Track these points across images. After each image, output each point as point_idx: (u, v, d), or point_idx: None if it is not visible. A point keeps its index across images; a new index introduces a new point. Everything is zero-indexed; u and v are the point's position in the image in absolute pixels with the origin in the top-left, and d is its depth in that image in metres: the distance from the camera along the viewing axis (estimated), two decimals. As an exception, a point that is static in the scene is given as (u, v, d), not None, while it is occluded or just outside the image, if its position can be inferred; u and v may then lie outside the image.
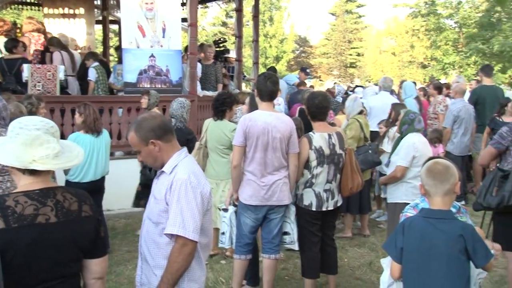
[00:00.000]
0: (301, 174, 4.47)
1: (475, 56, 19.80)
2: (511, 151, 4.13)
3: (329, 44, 50.10)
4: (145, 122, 2.68)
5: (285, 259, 5.62)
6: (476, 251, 2.55)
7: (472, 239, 2.55)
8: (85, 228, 2.21)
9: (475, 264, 2.58)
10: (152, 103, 6.71)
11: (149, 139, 2.64)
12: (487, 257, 2.58)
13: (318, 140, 4.42)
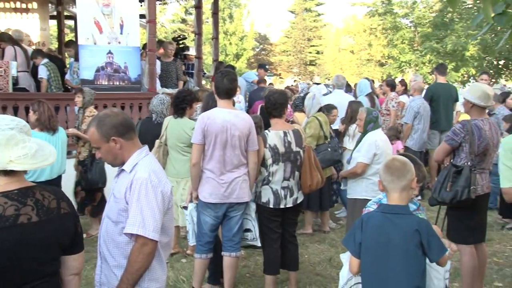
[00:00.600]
0: (259, 171, 4.48)
1: (430, 54, 20.30)
2: (464, 147, 4.24)
3: (289, 42, 50.40)
4: (107, 118, 2.63)
5: (246, 257, 5.63)
6: (431, 245, 2.61)
7: (427, 234, 2.61)
8: (66, 225, 2.21)
9: (429, 258, 2.63)
10: (87, 101, 6.47)
11: (110, 136, 2.59)
12: (441, 251, 2.64)
13: (273, 138, 4.44)
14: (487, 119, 4.37)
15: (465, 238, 4.32)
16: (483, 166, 4.31)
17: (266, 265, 4.59)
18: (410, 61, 21.87)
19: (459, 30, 19.39)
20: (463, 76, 20.40)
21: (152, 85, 8.24)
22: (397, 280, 2.62)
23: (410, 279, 2.62)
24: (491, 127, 4.32)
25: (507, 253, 5.79)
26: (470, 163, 4.21)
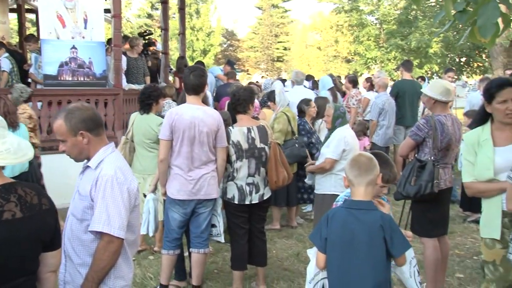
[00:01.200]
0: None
1: (395, 51, 20.64)
2: (428, 142, 4.33)
3: (256, 38, 50.41)
4: (77, 111, 2.58)
5: (214, 253, 5.62)
6: (394, 241, 2.65)
7: (390, 229, 2.65)
8: (47, 221, 2.18)
9: (392, 254, 2.67)
10: (14, 98, 6.11)
11: (79, 130, 2.55)
12: (404, 247, 2.69)
13: (236, 135, 4.44)
14: (450, 115, 4.46)
15: (429, 231, 4.42)
16: (446, 161, 4.41)
17: (233, 261, 4.59)
18: (376, 58, 22.19)
19: (423, 28, 19.77)
20: (426, 72, 20.80)
21: (118, 81, 8.12)
22: (361, 275, 2.66)
23: (375, 274, 2.66)
24: (454, 122, 4.42)
25: (468, 245, 5.95)
26: (434, 158, 4.29)
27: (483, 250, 3.27)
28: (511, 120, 3.17)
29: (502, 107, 3.14)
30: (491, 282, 3.20)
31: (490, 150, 3.19)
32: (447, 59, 20.84)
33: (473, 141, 3.30)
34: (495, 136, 3.23)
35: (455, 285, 4.78)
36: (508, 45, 13.69)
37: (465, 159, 3.35)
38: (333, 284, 2.79)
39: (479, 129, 3.33)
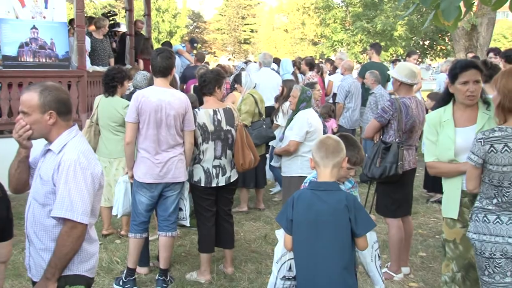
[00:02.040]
0: None
1: (361, 34, 20.83)
2: (393, 124, 4.40)
3: (223, 20, 50.03)
4: (55, 91, 2.54)
5: (181, 236, 5.61)
6: (358, 220, 2.68)
7: (354, 209, 2.69)
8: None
9: (356, 233, 2.70)
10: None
11: (49, 109, 2.50)
12: (369, 226, 2.73)
13: (202, 117, 4.42)
14: (414, 97, 4.54)
15: (393, 212, 4.51)
16: (410, 142, 4.49)
17: (200, 244, 4.60)
18: (342, 40, 22.34)
19: (388, 11, 20.00)
20: (392, 55, 21.08)
21: (81, 62, 7.93)
22: (327, 255, 2.70)
23: (340, 254, 2.70)
24: (418, 105, 4.50)
25: (430, 224, 6.11)
26: (398, 139, 4.37)
27: (444, 229, 3.36)
28: (470, 102, 3.24)
29: (464, 88, 3.20)
30: (451, 260, 3.30)
31: (452, 131, 3.26)
32: (412, 42, 21.16)
33: (435, 121, 3.36)
34: (457, 117, 3.30)
35: (418, 263, 4.91)
36: (469, 29, 13.97)
37: (427, 139, 3.41)
38: (300, 265, 2.82)
39: (441, 109, 3.39)
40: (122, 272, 4.52)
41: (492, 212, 2.80)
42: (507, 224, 2.75)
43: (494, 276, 2.81)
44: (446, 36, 20.41)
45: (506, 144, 2.68)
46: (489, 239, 2.79)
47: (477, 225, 2.85)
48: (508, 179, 2.71)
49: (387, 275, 4.54)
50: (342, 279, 2.69)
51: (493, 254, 2.78)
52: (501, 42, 38.43)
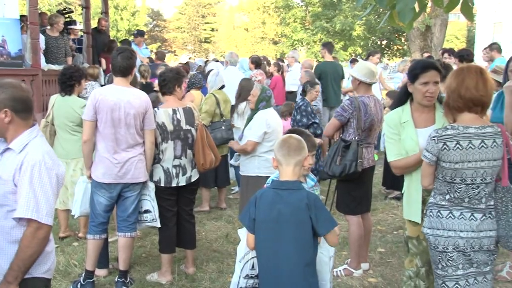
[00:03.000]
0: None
1: (321, 33, 21.07)
2: (352, 123, 4.46)
3: (183, 19, 49.66)
4: (10, 89, 2.47)
5: (141, 237, 5.54)
6: (319, 219, 2.70)
7: (315, 208, 2.70)
8: None
9: (318, 232, 2.73)
10: None
11: (4, 107, 2.44)
12: (330, 225, 2.75)
13: (161, 116, 4.38)
14: (373, 96, 4.61)
15: (353, 209, 4.58)
16: (369, 140, 4.57)
17: (162, 244, 4.55)
18: (302, 40, 22.54)
19: (347, 11, 20.30)
20: (350, 55, 21.40)
21: (35, 61, 7.69)
22: (288, 254, 2.71)
23: (301, 252, 2.72)
24: (376, 103, 4.58)
25: (389, 221, 6.23)
26: (358, 138, 4.43)
27: (408, 226, 3.43)
28: (428, 103, 3.31)
29: (423, 88, 3.27)
30: (415, 256, 3.37)
31: (413, 132, 3.31)
32: (370, 42, 21.55)
33: (395, 121, 3.40)
34: (415, 118, 3.36)
35: (377, 259, 5.00)
36: (424, 30, 14.34)
37: (389, 139, 3.44)
38: (262, 263, 2.82)
39: (399, 109, 3.44)
40: (80, 275, 4.43)
41: (445, 207, 2.87)
42: (459, 218, 2.83)
43: (447, 269, 2.88)
44: (403, 36, 20.91)
45: (458, 142, 2.75)
46: (442, 233, 2.86)
47: (431, 220, 2.92)
48: (460, 176, 2.79)
49: (347, 271, 4.61)
50: (303, 277, 2.71)
51: (446, 248, 2.86)
52: (454, 43, 39.63)
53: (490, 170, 2.78)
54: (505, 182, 2.80)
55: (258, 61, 9.88)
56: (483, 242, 2.83)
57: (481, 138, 2.75)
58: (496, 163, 2.78)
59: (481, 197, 2.82)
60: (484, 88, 2.77)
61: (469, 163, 2.75)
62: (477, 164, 2.76)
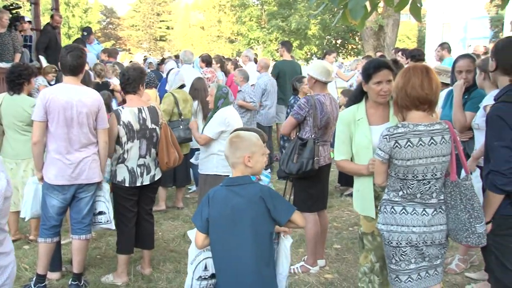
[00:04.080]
0: (113, 150, 4.34)
1: (276, 32, 21.17)
2: (308, 121, 4.50)
3: (138, 16, 48.91)
4: None
5: (96, 238, 5.43)
6: (277, 208, 2.72)
7: (270, 198, 2.72)
8: None
9: (279, 221, 2.74)
10: None
11: None
12: (289, 211, 2.77)
13: (127, 115, 4.32)
14: (328, 95, 4.67)
15: (310, 207, 4.62)
16: (325, 138, 4.63)
17: (120, 245, 4.48)
18: (258, 38, 22.57)
19: (302, 10, 20.46)
20: (306, 53, 21.62)
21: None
22: (244, 248, 2.71)
23: (257, 246, 2.72)
24: (331, 102, 4.64)
25: (344, 217, 6.34)
26: (314, 136, 4.48)
27: (362, 223, 3.49)
28: (383, 100, 3.38)
29: (377, 87, 3.33)
30: (369, 251, 3.43)
31: (367, 129, 3.36)
32: (325, 41, 21.83)
33: (349, 119, 3.46)
34: (370, 115, 3.42)
35: (333, 255, 5.07)
36: (377, 29, 14.65)
37: (338, 138, 3.50)
38: (219, 262, 2.81)
39: (354, 107, 3.50)
40: (31, 279, 4.31)
41: (398, 203, 2.94)
42: (412, 214, 2.90)
43: (400, 263, 2.95)
44: (357, 35, 21.26)
45: (408, 140, 2.82)
46: (396, 229, 2.93)
47: (385, 216, 2.98)
48: (411, 172, 2.86)
49: (304, 268, 4.66)
50: (258, 271, 2.72)
51: (399, 243, 2.93)
52: (405, 43, 40.68)
53: (440, 166, 2.87)
54: (453, 177, 2.89)
55: (208, 60, 9.90)
56: (434, 236, 2.91)
57: (431, 135, 2.83)
58: (445, 159, 2.87)
59: (432, 192, 2.90)
60: (429, 87, 2.85)
61: (420, 159, 2.83)
62: (427, 161, 2.83)
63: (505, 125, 2.83)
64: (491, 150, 2.90)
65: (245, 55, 10.62)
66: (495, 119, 2.88)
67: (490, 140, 2.90)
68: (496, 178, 2.84)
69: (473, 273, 4.55)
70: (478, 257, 4.70)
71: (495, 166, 2.85)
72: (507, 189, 2.83)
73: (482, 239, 2.86)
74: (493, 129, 2.89)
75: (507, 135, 2.83)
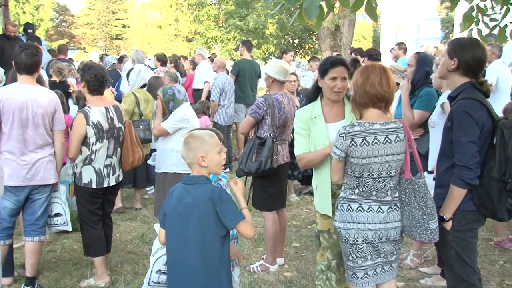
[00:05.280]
0: (78, 151, 4.22)
1: (234, 32, 21.17)
2: (266, 120, 4.53)
3: (92, 14, 47.93)
4: None
5: (51, 241, 5.29)
6: (225, 212, 2.72)
7: (219, 201, 2.72)
8: None
9: (226, 225, 2.74)
10: None
11: None
12: (237, 217, 2.76)
13: (96, 115, 4.23)
14: (286, 94, 4.71)
15: (269, 205, 4.65)
16: (283, 137, 4.66)
17: (91, 248, 4.37)
18: (216, 38, 22.51)
19: (259, 9, 20.54)
20: (264, 53, 21.71)
21: None
22: (192, 247, 2.73)
23: (203, 246, 2.73)
24: (289, 101, 4.68)
25: (303, 215, 6.40)
26: (272, 134, 4.51)
27: (319, 220, 3.53)
28: (336, 97, 3.44)
29: (332, 83, 3.39)
30: (326, 249, 3.48)
31: (324, 127, 3.42)
32: (282, 40, 21.98)
33: (306, 117, 3.50)
34: (326, 113, 3.48)
35: (292, 253, 5.12)
36: (334, 29, 14.86)
37: (297, 133, 3.54)
38: (169, 258, 2.85)
39: (310, 106, 3.55)
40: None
41: (355, 201, 2.99)
42: (367, 211, 2.96)
43: (357, 260, 3.01)
44: (314, 35, 21.52)
45: (364, 138, 2.87)
46: (353, 226, 2.98)
47: (342, 214, 3.03)
48: (367, 170, 2.91)
49: (263, 267, 4.68)
50: (204, 271, 2.73)
51: (356, 240, 2.98)
52: (361, 43, 41.42)
53: (395, 164, 2.93)
54: (407, 175, 2.96)
55: (164, 59, 9.84)
56: (389, 233, 2.98)
57: (385, 134, 2.89)
58: (399, 157, 2.93)
59: (387, 190, 2.96)
60: (387, 85, 2.92)
61: (375, 158, 2.88)
62: (382, 159, 2.89)
63: (472, 121, 2.89)
64: (458, 145, 2.94)
65: (199, 53, 10.60)
66: (462, 115, 2.93)
67: (457, 135, 2.94)
68: (463, 173, 2.90)
69: (426, 267, 4.68)
70: (432, 252, 4.85)
71: (462, 161, 2.90)
72: (473, 183, 2.90)
73: (435, 235, 2.93)
74: (460, 124, 2.93)
75: (474, 131, 2.89)
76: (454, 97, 3.08)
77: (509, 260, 4.83)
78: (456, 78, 3.08)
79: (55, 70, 7.55)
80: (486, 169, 2.93)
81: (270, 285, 4.43)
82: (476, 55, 3.00)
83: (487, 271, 4.57)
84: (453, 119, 2.97)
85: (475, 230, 3.08)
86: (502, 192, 2.91)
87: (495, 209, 2.94)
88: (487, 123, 2.93)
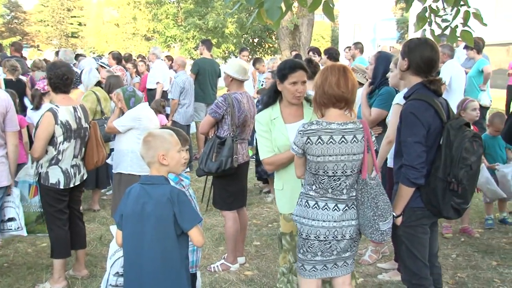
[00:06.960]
0: (44, 151, 4.12)
1: (194, 30, 21.04)
2: (226, 119, 4.52)
3: (46, 11, 46.62)
4: None
5: (3, 245, 5.14)
6: (183, 214, 2.71)
7: (178, 203, 2.70)
8: None
9: (182, 227, 2.73)
10: None
11: None
12: (194, 220, 2.76)
13: (64, 115, 4.14)
14: (245, 93, 4.72)
15: (229, 205, 4.64)
16: (243, 136, 4.67)
17: (56, 250, 4.28)
18: (175, 36, 22.33)
19: (219, 8, 20.49)
20: (224, 52, 21.67)
21: None
22: (150, 249, 2.72)
23: (161, 247, 2.71)
24: (248, 100, 4.69)
25: (264, 214, 6.42)
26: (232, 134, 4.51)
27: (282, 223, 3.55)
28: (297, 101, 3.48)
29: (293, 88, 3.42)
30: (288, 252, 3.50)
31: (283, 128, 3.45)
32: (242, 40, 22.00)
33: (266, 119, 3.52)
34: (284, 114, 3.51)
35: (253, 252, 5.13)
36: (293, 29, 14.96)
37: (261, 137, 3.54)
38: (126, 258, 2.82)
39: (268, 109, 3.57)
40: None
41: (312, 197, 3.02)
42: (323, 209, 2.99)
43: (307, 254, 3.05)
44: (273, 34, 21.62)
45: (319, 137, 2.90)
46: (307, 222, 3.01)
47: (300, 208, 3.07)
48: (322, 168, 2.95)
49: (224, 266, 4.67)
50: (161, 272, 2.72)
51: (308, 236, 3.01)
52: (320, 42, 41.94)
53: (350, 164, 2.97)
54: (363, 175, 3.00)
55: (119, 57, 9.73)
56: (345, 231, 3.01)
57: (342, 134, 2.92)
58: (356, 157, 2.97)
59: (342, 189, 3.00)
60: (345, 85, 2.96)
61: (330, 156, 2.91)
62: (337, 158, 2.93)
63: (417, 121, 2.97)
64: (404, 145, 3.02)
65: (152, 53, 10.52)
66: (408, 116, 3.01)
67: (404, 136, 3.02)
68: (409, 172, 2.98)
69: (384, 263, 4.78)
70: (389, 247, 4.95)
71: (408, 160, 2.98)
72: (418, 182, 2.99)
73: (385, 236, 2.99)
74: (407, 125, 3.01)
75: (420, 131, 2.97)
76: (407, 97, 3.16)
77: (461, 254, 4.99)
78: (411, 78, 3.17)
79: (9, 68, 7.32)
80: (433, 169, 3.01)
81: (231, 284, 4.43)
82: (425, 54, 3.08)
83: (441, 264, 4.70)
84: (401, 119, 3.06)
85: (425, 226, 3.15)
86: (446, 192, 2.99)
87: (441, 208, 3.03)
88: (434, 123, 3.00)
